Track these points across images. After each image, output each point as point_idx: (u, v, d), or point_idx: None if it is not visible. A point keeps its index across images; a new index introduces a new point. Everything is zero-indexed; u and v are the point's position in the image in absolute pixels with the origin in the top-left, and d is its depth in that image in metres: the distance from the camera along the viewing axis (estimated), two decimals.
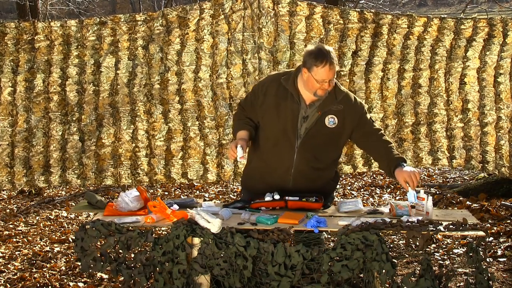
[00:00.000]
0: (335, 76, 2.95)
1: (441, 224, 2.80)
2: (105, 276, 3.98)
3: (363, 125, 3.09)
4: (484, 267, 2.70)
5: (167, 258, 2.82)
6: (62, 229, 5.54)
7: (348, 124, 3.06)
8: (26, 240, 5.08)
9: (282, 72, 3.22)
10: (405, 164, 2.98)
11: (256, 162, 3.20)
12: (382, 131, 3.17)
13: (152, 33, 3.88)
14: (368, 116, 3.14)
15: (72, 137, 3.92)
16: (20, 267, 4.31)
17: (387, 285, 2.68)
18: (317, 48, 2.92)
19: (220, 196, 6.93)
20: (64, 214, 6.24)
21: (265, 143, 3.12)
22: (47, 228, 5.58)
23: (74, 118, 3.91)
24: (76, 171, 3.94)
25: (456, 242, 4.52)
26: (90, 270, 2.92)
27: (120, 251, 2.88)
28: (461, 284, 3.67)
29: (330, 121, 3.02)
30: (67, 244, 4.92)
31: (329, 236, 4.62)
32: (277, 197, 3.08)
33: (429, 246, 4.35)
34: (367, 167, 4.11)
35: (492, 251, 4.27)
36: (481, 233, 2.75)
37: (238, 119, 3.22)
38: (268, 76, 3.28)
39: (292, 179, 3.10)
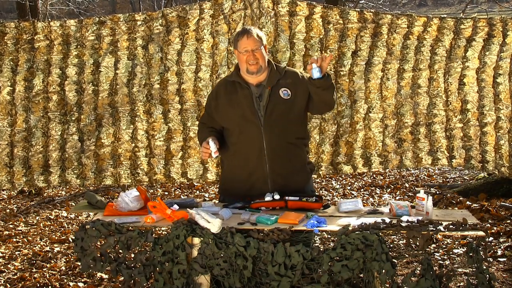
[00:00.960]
0: (259, 47, 3.06)
1: (441, 224, 2.80)
2: (105, 276, 3.98)
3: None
4: (484, 267, 2.70)
5: (167, 258, 2.82)
6: (62, 229, 5.54)
7: (301, 94, 3.16)
8: (26, 240, 5.08)
9: (228, 74, 3.46)
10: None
11: (229, 162, 3.27)
12: None
13: (152, 33, 3.88)
14: None
15: (72, 137, 3.92)
16: (20, 267, 4.31)
17: (387, 285, 2.68)
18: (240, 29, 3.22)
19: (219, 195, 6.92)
20: (64, 214, 6.24)
21: (231, 137, 3.20)
22: (47, 228, 5.58)
23: (73, 118, 3.91)
24: (75, 171, 3.94)
25: (456, 242, 4.52)
26: (90, 270, 2.92)
27: (120, 251, 2.88)
28: (461, 284, 3.67)
29: (284, 93, 3.15)
30: (67, 244, 4.92)
31: (329, 236, 4.62)
32: (277, 197, 3.08)
33: (429, 246, 4.35)
34: (367, 168, 4.11)
35: (492, 251, 4.27)
36: (481, 233, 2.75)
37: (201, 132, 3.34)
38: (216, 83, 3.54)
39: (267, 159, 3.12)
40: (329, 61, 3.00)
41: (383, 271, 2.64)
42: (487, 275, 2.68)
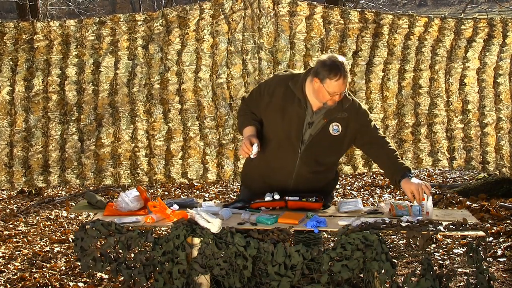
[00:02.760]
0: (344, 91, 2.91)
1: (441, 224, 2.80)
2: (105, 276, 3.98)
3: (366, 132, 3.07)
4: (484, 267, 2.70)
5: (167, 258, 2.82)
6: (62, 229, 5.54)
7: (350, 131, 3.04)
8: (26, 240, 5.08)
9: (290, 74, 3.13)
10: (411, 175, 2.95)
11: (258, 161, 3.13)
12: (387, 139, 3.13)
13: (152, 33, 3.87)
14: (372, 123, 3.10)
15: (71, 137, 3.91)
16: (20, 267, 4.31)
17: (387, 285, 2.68)
18: (331, 60, 2.86)
19: (220, 196, 6.93)
20: (64, 214, 6.24)
21: (268, 144, 3.09)
22: (47, 228, 5.58)
23: (73, 118, 3.91)
24: (75, 171, 3.94)
25: (456, 242, 4.52)
26: (90, 270, 2.91)
27: (120, 251, 2.88)
28: (461, 284, 3.67)
29: (334, 128, 3.00)
30: (67, 244, 4.92)
31: (329, 236, 4.62)
32: (277, 197, 3.08)
33: (429, 246, 4.35)
34: (367, 168, 4.11)
35: (492, 251, 4.27)
36: (481, 233, 2.75)
37: (244, 114, 3.17)
38: (275, 76, 3.20)
39: (293, 182, 3.10)
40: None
41: (383, 271, 2.64)
42: (487, 275, 2.68)
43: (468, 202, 5.63)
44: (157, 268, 2.84)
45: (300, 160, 3.03)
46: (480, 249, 2.72)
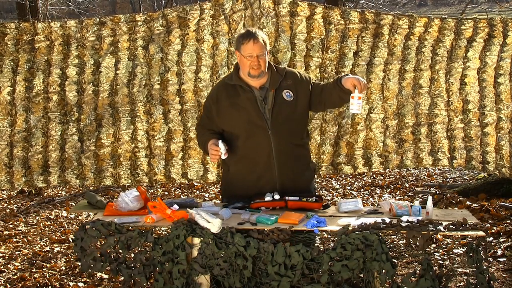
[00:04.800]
0: (264, 53, 3.05)
1: (441, 224, 2.81)
2: (105, 276, 3.98)
3: (314, 87, 3.21)
4: (484, 267, 2.70)
5: (167, 258, 2.82)
6: (62, 229, 5.55)
7: (302, 94, 3.18)
8: (26, 240, 5.08)
9: (224, 77, 3.40)
10: (349, 74, 3.08)
11: (236, 166, 3.19)
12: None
13: (152, 33, 3.88)
14: (315, 80, 3.32)
15: (71, 137, 3.92)
16: (20, 267, 4.32)
17: (387, 285, 2.68)
18: (244, 30, 3.15)
19: (220, 196, 6.92)
20: (64, 214, 6.24)
21: (237, 141, 3.15)
22: (47, 228, 5.58)
23: (73, 118, 3.91)
24: (75, 171, 3.94)
25: (456, 242, 4.52)
26: (90, 270, 2.92)
27: (120, 251, 2.88)
28: (461, 284, 3.67)
29: (287, 95, 3.15)
30: (67, 244, 4.93)
31: (329, 236, 4.62)
32: (277, 197, 3.08)
33: (429, 246, 4.35)
34: (367, 168, 4.11)
35: (492, 251, 4.27)
36: (481, 233, 2.75)
37: (202, 135, 3.27)
38: (213, 86, 3.48)
39: (276, 162, 3.11)
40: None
41: (383, 271, 2.64)
42: (487, 275, 2.68)
43: (468, 202, 5.64)
44: (157, 268, 2.84)
45: (273, 136, 3.09)
46: (480, 249, 2.72)
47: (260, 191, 3.14)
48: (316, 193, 3.32)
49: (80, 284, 3.90)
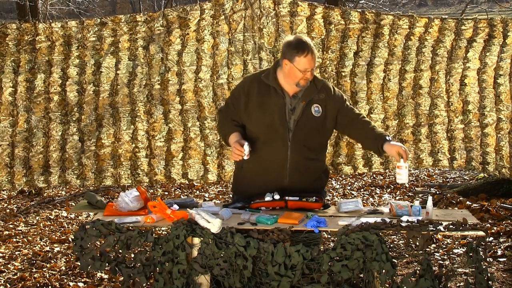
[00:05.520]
0: (314, 67, 3.01)
1: (441, 224, 2.81)
2: (105, 276, 3.98)
3: (345, 111, 3.17)
4: (484, 267, 2.70)
5: (167, 258, 2.82)
6: (62, 229, 5.55)
7: (330, 112, 3.12)
8: (26, 240, 5.08)
9: (259, 71, 3.28)
10: (391, 139, 3.06)
11: (249, 164, 3.12)
12: (363, 114, 3.26)
13: (153, 33, 3.88)
14: (349, 103, 3.24)
15: (72, 137, 3.92)
16: (20, 267, 4.32)
17: (387, 285, 2.68)
18: (296, 39, 2.99)
19: (220, 196, 6.93)
20: (64, 214, 6.24)
21: (256, 142, 3.09)
22: (47, 228, 5.58)
23: (74, 118, 3.91)
24: (75, 171, 3.94)
25: (456, 242, 4.52)
26: (89, 269, 2.92)
27: (120, 250, 2.88)
28: (461, 284, 3.67)
29: (316, 110, 3.08)
30: (67, 244, 4.93)
31: (329, 236, 4.62)
32: (277, 197, 3.08)
33: (429, 246, 4.35)
34: (367, 168, 4.11)
35: (492, 251, 4.28)
36: (481, 233, 2.75)
37: (225, 124, 3.19)
38: (246, 77, 3.34)
39: (288, 173, 3.09)
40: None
41: (383, 271, 2.65)
42: (486, 275, 2.68)
43: (468, 202, 5.64)
44: (157, 268, 2.84)
45: (291, 147, 3.05)
46: (480, 249, 2.72)
47: (266, 192, 3.12)
48: (324, 195, 3.30)
49: (80, 284, 3.90)
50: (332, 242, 4.50)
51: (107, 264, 2.89)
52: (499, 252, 4.25)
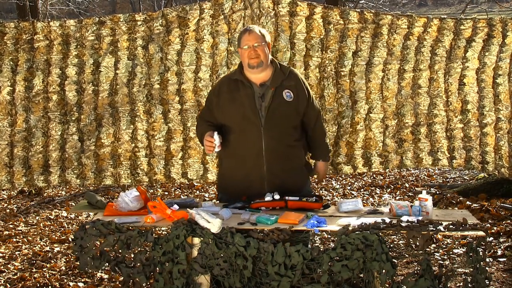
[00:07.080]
0: (261, 43, 3.09)
1: (441, 224, 2.81)
2: (105, 276, 3.98)
3: (309, 112, 3.27)
4: (482, 267, 2.70)
5: (167, 258, 2.82)
6: (62, 229, 5.54)
7: (301, 98, 3.21)
8: (26, 240, 5.08)
9: (229, 72, 3.49)
10: (328, 160, 3.48)
11: (227, 160, 3.26)
12: (321, 126, 3.42)
13: (152, 33, 3.88)
14: (314, 102, 3.33)
15: (72, 137, 3.92)
16: (20, 267, 4.31)
17: (387, 285, 2.68)
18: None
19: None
20: (64, 214, 6.24)
21: (231, 136, 3.19)
22: (47, 228, 5.58)
23: (73, 118, 3.91)
24: (75, 171, 3.94)
25: (456, 242, 4.52)
26: (87, 268, 2.91)
27: (120, 250, 2.88)
28: (461, 284, 3.67)
29: (287, 95, 3.17)
30: (67, 244, 4.92)
31: (329, 236, 4.62)
32: (277, 197, 3.08)
33: (429, 246, 4.35)
34: (367, 168, 4.11)
35: (492, 251, 4.27)
36: (481, 233, 2.75)
37: (200, 126, 3.33)
38: (217, 81, 3.55)
39: (265, 161, 3.13)
40: None
41: (383, 271, 2.64)
42: (485, 275, 2.68)
43: (468, 202, 5.63)
44: (157, 268, 2.84)
45: (265, 133, 3.11)
46: (480, 249, 2.72)
47: (249, 187, 3.16)
48: (316, 193, 3.33)
49: (80, 284, 3.89)
50: (332, 242, 4.50)
51: (106, 264, 2.89)
52: (499, 252, 4.25)
